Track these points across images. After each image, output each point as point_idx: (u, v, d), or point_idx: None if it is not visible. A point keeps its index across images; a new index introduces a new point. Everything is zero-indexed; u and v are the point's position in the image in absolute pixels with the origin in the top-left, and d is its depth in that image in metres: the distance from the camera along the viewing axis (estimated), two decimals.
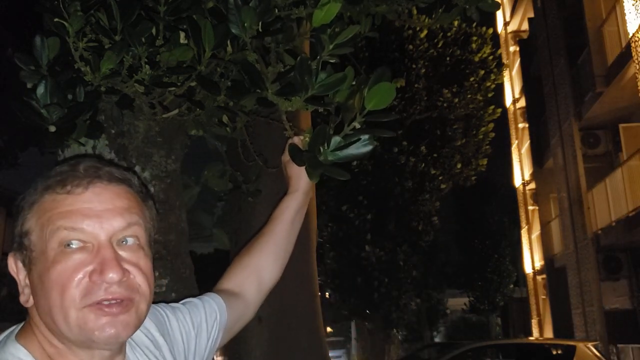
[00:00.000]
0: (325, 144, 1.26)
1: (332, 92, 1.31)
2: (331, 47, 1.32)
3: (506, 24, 20.53)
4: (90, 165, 0.92)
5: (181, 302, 1.16)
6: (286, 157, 1.35)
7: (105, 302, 0.84)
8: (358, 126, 1.25)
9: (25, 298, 0.89)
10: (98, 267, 0.85)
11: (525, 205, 19.15)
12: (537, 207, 17.65)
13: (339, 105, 1.32)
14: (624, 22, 10.14)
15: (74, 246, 0.86)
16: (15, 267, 0.91)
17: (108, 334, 0.84)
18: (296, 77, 1.27)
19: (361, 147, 1.26)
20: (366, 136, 1.25)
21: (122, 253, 0.88)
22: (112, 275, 0.85)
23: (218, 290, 1.23)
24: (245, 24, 1.32)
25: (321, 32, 1.32)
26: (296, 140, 1.33)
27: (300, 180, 1.33)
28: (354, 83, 1.31)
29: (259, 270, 1.27)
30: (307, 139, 1.30)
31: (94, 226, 0.87)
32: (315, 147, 1.26)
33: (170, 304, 1.13)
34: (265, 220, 1.37)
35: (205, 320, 1.13)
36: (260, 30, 1.37)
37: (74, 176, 0.90)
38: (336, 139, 1.26)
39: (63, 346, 0.87)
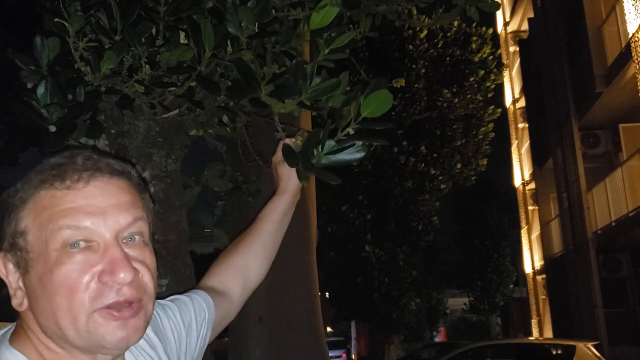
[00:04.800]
0: (319, 147, 1.25)
1: (326, 97, 1.31)
2: (327, 51, 1.32)
3: (506, 24, 20.53)
4: (89, 157, 0.85)
5: (169, 298, 1.10)
6: (277, 158, 1.34)
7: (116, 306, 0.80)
8: (352, 132, 1.25)
9: (19, 301, 0.83)
10: (108, 268, 0.80)
11: (525, 205, 19.15)
12: (537, 207, 17.65)
13: (333, 111, 1.31)
14: (624, 22, 10.14)
15: (78, 246, 0.80)
16: (4, 269, 0.84)
17: (119, 338, 0.80)
18: (290, 79, 1.26)
19: (354, 153, 1.25)
20: (360, 142, 1.25)
21: (128, 251, 0.83)
22: (124, 275, 0.80)
23: (204, 288, 1.19)
24: (242, 24, 1.32)
25: (318, 35, 1.32)
26: (287, 142, 1.32)
27: (289, 181, 1.31)
28: (348, 88, 1.30)
29: (245, 269, 1.25)
30: (299, 141, 1.30)
31: (99, 224, 0.81)
32: (308, 149, 1.26)
33: (158, 300, 1.06)
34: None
35: (194, 318, 1.09)
36: (257, 30, 1.37)
37: (74, 169, 0.83)
38: (330, 143, 1.26)
39: (63, 351, 0.83)
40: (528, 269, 19.15)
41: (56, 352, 0.83)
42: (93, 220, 0.81)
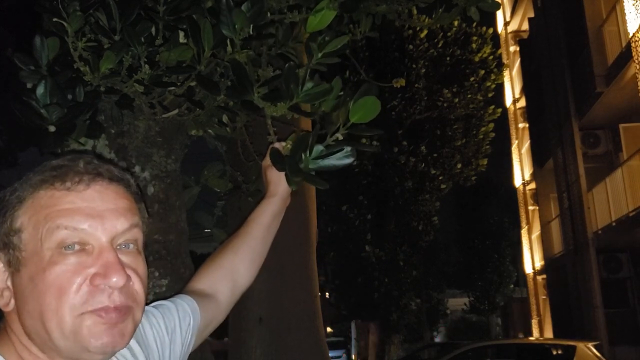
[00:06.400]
0: (308, 152, 1.24)
1: (318, 102, 1.31)
2: (320, 56, 1.32)
3: (506, 23, 20.52)
4: (90, 161, 0.86)
5: (152, 304, 1.08)
6: (266, 162, 1.33)
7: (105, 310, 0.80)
8: (340, 137, 1.24)
9: (5, 301, 0.82)
10: (101, 271, 0.80)
11: (526, 205, 19.16)
12: (537, 207, 17.65)
13: (323, 115, 1.31)
14: (624, 22, 10.14)
15: (72, 248, 0.80)
16: None
17: (104, 343, 0.79)
18: (282, 84, 1.26)
19: (343, 159, 1.24)
20: (348, 148, 1.24)
21: (122, 257, 0.83)
22: (117, 279, 0.79)
23: (190, 292, 1.16)
24: (237, 26, 1.32)
25: (315, 38, 1.32)
26: (276, 146, 1.31)
27: (278, 186, 1.30)
28: (341, 93, 1.30)
29: (234, 271, 1.23)
30: (289, 145, 1.29)
31: (96, 227, 0.81)
32: (296, 154, 1.25)
33: None
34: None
35: (179, 325, 1.07)
36: (253, 33, 1.36)
37: (75, 172, 0.84)
38: (318, 148, 1.25)
39: (44, 355, 0.82)
40: (528, 269, 19.16)
41: (37, 355, 0.82)
42: (91, 223, 0.81)
